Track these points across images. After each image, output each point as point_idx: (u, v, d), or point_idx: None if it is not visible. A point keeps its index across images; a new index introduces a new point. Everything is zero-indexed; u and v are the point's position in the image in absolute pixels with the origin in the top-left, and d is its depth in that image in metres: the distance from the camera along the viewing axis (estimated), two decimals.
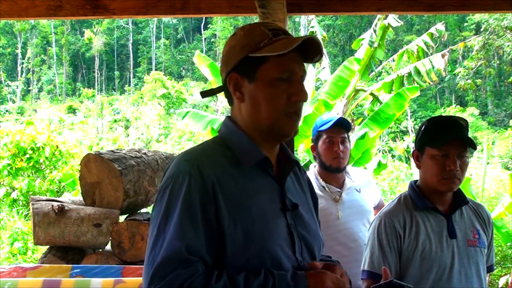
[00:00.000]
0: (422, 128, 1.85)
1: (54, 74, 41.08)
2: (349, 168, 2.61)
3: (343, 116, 2.52)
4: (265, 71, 1.20)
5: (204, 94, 1.34)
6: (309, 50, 1.23)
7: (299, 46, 1.20)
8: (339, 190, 2.45)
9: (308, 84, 7.30)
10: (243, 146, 1.23)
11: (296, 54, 1.21)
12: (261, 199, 1.19)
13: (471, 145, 1.75)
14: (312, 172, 2.50)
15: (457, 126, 1.77)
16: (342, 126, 2.43)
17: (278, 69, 1.20)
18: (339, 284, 1.15)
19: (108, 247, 3.13)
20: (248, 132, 1.24)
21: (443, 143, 1.75)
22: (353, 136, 5.76)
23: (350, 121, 6.53)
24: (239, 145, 1.23)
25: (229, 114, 1.32)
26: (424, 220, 1.82)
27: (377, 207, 2.59)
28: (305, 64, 1.28)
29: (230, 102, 1.28)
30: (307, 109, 5.57)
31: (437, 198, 1.84)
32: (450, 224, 1.81)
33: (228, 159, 1.21)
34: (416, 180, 1.93)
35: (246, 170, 1.21)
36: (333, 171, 2.44)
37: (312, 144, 2.52)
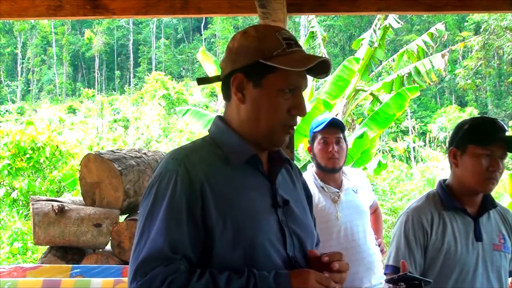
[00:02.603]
0: (466, 127, 1.82)
1: (54, 74, 41.12)
2: (346, 168, 2.61)
3: (335, 117, 2.51)
4: (272, 80, 1.20)
5: (201, 81, 1.35)
6: (316, 66, 1.22)
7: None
8: (337, 190, 2.45)
9: (308, 83, 7.30)
10: (233, 144, 1.24)
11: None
12: (252, 195, 1.20)
13: None
14: (310, 173, 2.50)
15: (503, 129, 1.77)
16: (336, 126, 2.43)
17: (286, 81, 1.20)
18: (325, 283, 1.14)
19: (108, 247, 3.13)
20: (239, 131, 1.25)
21: (492, 142, 1.73)
22: (352, 136, 5.76)
23: (342, 120, 6.53)
24: (228, 143, 1.24)
25: (221, 113, 1.32)
26: (451, 220, 1.81)
27: (371, 207, 2.62)
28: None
29: (227, 98, 1.28)
30: (307, 108, 5.56)
31: (467, 199, 1.82)
32: (477, 226, 1.80)
33: (218, 157, 1.22)
34: (445, 179, 1.91)
35: (236, 168, 1.21)
36: (328, 172, 2.45)
37: (309, 145, 2.54)
